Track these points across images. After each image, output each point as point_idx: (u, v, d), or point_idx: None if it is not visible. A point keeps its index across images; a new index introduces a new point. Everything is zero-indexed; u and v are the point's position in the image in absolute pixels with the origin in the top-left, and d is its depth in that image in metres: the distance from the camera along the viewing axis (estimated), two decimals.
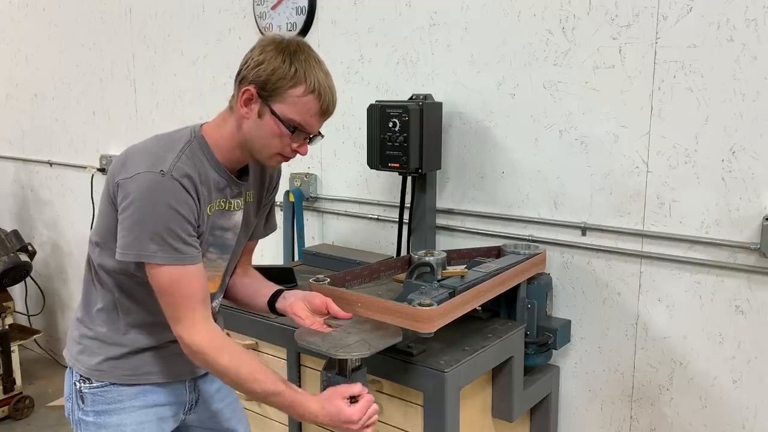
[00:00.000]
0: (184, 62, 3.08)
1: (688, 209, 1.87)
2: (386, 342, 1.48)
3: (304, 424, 1.95)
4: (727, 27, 1.75)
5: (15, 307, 3.61)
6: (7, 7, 4.00)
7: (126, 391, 1.48)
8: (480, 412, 1.84)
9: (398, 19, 2.34)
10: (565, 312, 2.12)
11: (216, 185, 1.42)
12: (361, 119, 2.41)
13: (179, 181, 1.31)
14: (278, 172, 1.65)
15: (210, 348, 1.35)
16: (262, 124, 1.37)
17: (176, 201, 1.31)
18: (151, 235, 1.30)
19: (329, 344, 1.42)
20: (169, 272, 1.32)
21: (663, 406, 1.99)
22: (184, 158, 1.35)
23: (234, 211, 1.49)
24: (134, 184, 1.31)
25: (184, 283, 1.34)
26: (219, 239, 1.48)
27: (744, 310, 1.83)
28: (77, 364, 1.50)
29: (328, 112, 1.40)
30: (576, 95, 2.00)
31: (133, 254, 1.32)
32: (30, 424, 3.45)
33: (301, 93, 1.34)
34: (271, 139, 1.38)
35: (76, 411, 1.50)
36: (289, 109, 1.35)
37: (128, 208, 1.31)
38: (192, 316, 1.35)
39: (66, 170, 3.84)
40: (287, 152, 1.41)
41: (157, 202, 1.30)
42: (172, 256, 1.31)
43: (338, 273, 1.88)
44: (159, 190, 1.30)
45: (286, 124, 1.36)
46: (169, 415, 1.55)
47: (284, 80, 1.33)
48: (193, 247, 1.35)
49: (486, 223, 2.24)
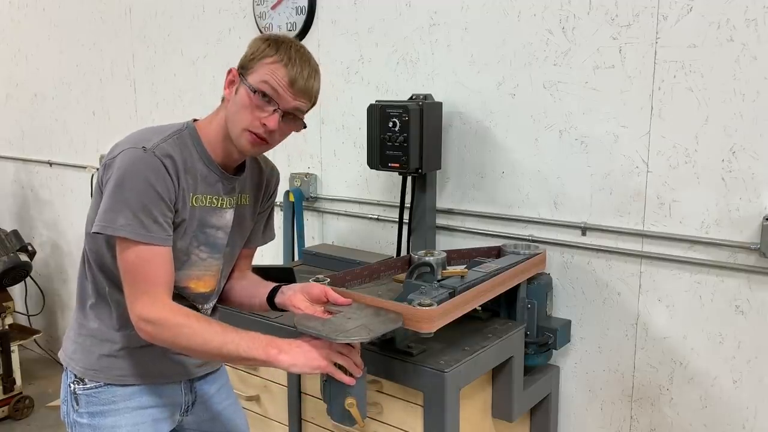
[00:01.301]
0: (184, 62, 3.08)
1: (688, 209, 1.87)
2: (386, 327, 1.47)
3: (304, 424, 1.95)
4: (727, 27, 1.75)
5: (15, 307, 3.61)
6: (7, 7, 4.00)
7: (120, 391, 1.47)
8: (480, 412, 1.84)
9: (398, 19, 2.34)
10: (565, 312, 2.12)
11: (204, 178, 1.42)
12: (361, 119, 2.41)
13: (160, 159, 1.33)
14: (276, 178, 1.65)
15: (169, 312, 1.32)
16: (236, 99, 1.39)
17: (155, 177, 1.31)
18: (123, 208, 1.29)
19: (329, 329, 1.42)
20: (137, 250, 1.31)
21: (663, 406, 1.99)
22: (170, 142, 1.37)
23: (225, 209, 1.48)
24: (117, 161, 1.33)
25: (148, 264, 1.32)
26: (210, 238, 1.47)
27: (744, 310, 1.83)
28: (71, 363, 1.49)
29: (296, 84, 1.37)
30: (576, 95, 2.00)
31: (100, 226, 1.31)
32: (30, 424, 3.45)
33: (270, 61, 1.36)
34: (241, 112, 1.38)
35: (71, 413, 1.49)
36: (257, 76, 1.37)
37: (109, 183, 1.32)
38: (153, 295, 1.32)
39: (66, 170, 3.84)
40: (256, 127, 1.38)
41: (135, 176, 1.31)
42: (139, 233, 1.30)
43: (338, 273, 1.88)
44: (138, 164, 1.31)
45: (252, 88, 1.36)
46: (164, 416, 1.54)
47: (257, 53, 1.38)
48: (164, 229, 1.34)
49: (486, 223, 2.24)
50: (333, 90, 2.55)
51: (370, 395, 1.68)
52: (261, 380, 2.05)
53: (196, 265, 1.46)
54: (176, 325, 1.32)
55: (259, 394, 2.05)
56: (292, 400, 1.95)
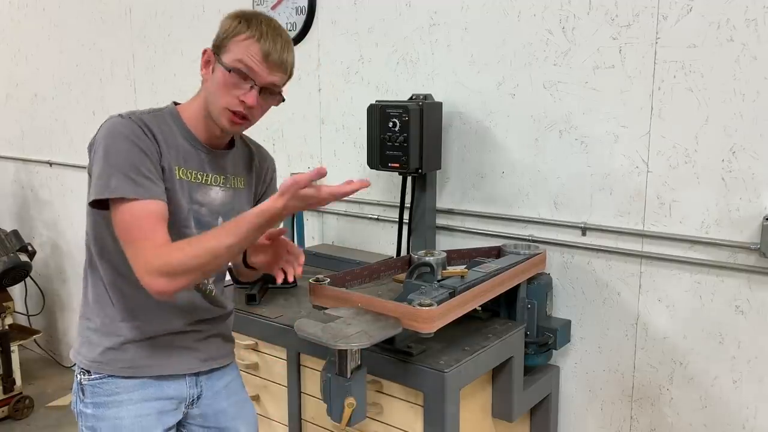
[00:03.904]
0: (184, 62, 3.08)
1: (688, 209, 1.87)
2: (386, 333, 1.48)
3: (304, 424, 1.95)
4: (727, 27, 1.75)
5: (15, 307, 3.61)
6: (7, 7, 4.00)
7: (124, 383, 1.48)
8: (480, 412, 1.84)
9: (398, 19, 2.34)
10: (565, 312, 2.12)
11: (186, 152, 1.45)
12: (361, 119, 2.41)
13: (138, 124, 1.37)
14: (270, 165, 1.66)
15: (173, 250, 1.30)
16: (213, 79, 1.42)
17: (136, 137, 1.35)
18: (114, 172, 1.31)
19: (329, 335, 1.42)
20: (131, 207, 1.31)
21: (663, 406, 1.99)
22: (148, 116, 1.41)
23: (211, 185, 1.49)
24: (99, 132, 1.37)
25: (143, 221, 1.31)
26: (197, 214, 1.48)
27: (744, 310, 1.83)
28: (78, 356, 1.52)
29: (270, 58, 1.39)
30: (576, 95, 2.00)
31: (95, 192, 1.32)
32: (30, 424, 3.45)
33: (243, 39, 1.39)
34: (219, 91, 1.40)
35: (78, 403, 1.52)
36: (231, 54, 1.39)
37: (95, 154, 1.36)
38: (151, 246, 1.30)
39: (66, 170, 3.84)
40: (234, 105, 1.40)
41: (116, 138, 1.34)
42: (132, 190, 1.31)
43: (338, 273, 1.88)
44: (117, 128, 1.35)
45: (228, 67, 1.38)
46: (169, 408, 1.55)
47: (229, 31, 1.41)
48: (156, 184, 1.35)
49: (486, 223, 2.24)
50: (333, 90, 2.55)
51: (370, 395, 1.69)
52: (261, 380, 2.05)
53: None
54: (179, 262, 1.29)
55: (259, 394, 2.05)
56: (292, 400, 1.95)
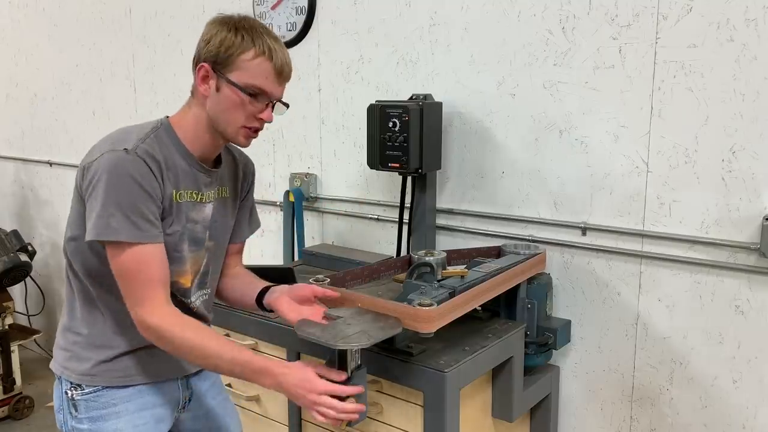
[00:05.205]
0: (184, 62, 3.08)
1: (688, 209, 1.87)
2: (386, 333, 1.48)
3: (304, 424, 1.95)
4: (727, 27, 1.75)
5: (15, 307, 3.61)
6: (7, 7, 4.00)
7: (119, 393, 1.46)
8: (480, 412, 1.84)
9: (398, 19, 2.34)
10: (565, 312, 2.12)
11: (184, 173, 1.42)
12: (361, 119, 2.41)
13: (143, 158, 1.32)
14: (251, 169, 1.66)
15: (174, 325, 1.33)
16: (222, 98, 1.38)
17: (140, 177, 1.31)
18: (115, 212, 1.29)
19: (329, 335, 1.42)
20: (131, 252, 1.30)
21: (663, 406, 1.99)
22: (149, 141, 1.37)
23: (205, 203, 1.49)
24: (98, 164, 1.32)
25: (144, 264, 1.32)
26: (191, 232, 1.46)
27: (744, 310, 1.83)
28: (66, 372, 1.48)
29: (284, 73, 1.39)
30: (576, 95, 2.00)
31: (95, 233, 1.30)
32: (30, 424, 3.45)
33: (252, 56, 1.36)
34: (234, 111, 1.38)
35: (69, 420, 1.47)
36: (244, 75, 1.36)
37: (95, 189, 1.31)
38: (153, 298, 1.33)
39: (66, 170, 3.84)
40: (252, 123, 1.41)
41: (121, 178, 1.30)
42: (134, 234, 1.30)
43: (338, 273, 1.88)
44: (122, 166, 1.31)
45: (243, 89, 1.36)
46: (165, 415, 1.54)
47: (233, 48, 1.36)
48: (156, 226, 1.34)
49: (486, 223, 2.24)
50: (333, 90, 2.55)
51: (370, 395, 1.68)
52: None
53: (180, 261, 1.46)
54: (179, 338, 1.34)
55: (259, 394, 2.05)
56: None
